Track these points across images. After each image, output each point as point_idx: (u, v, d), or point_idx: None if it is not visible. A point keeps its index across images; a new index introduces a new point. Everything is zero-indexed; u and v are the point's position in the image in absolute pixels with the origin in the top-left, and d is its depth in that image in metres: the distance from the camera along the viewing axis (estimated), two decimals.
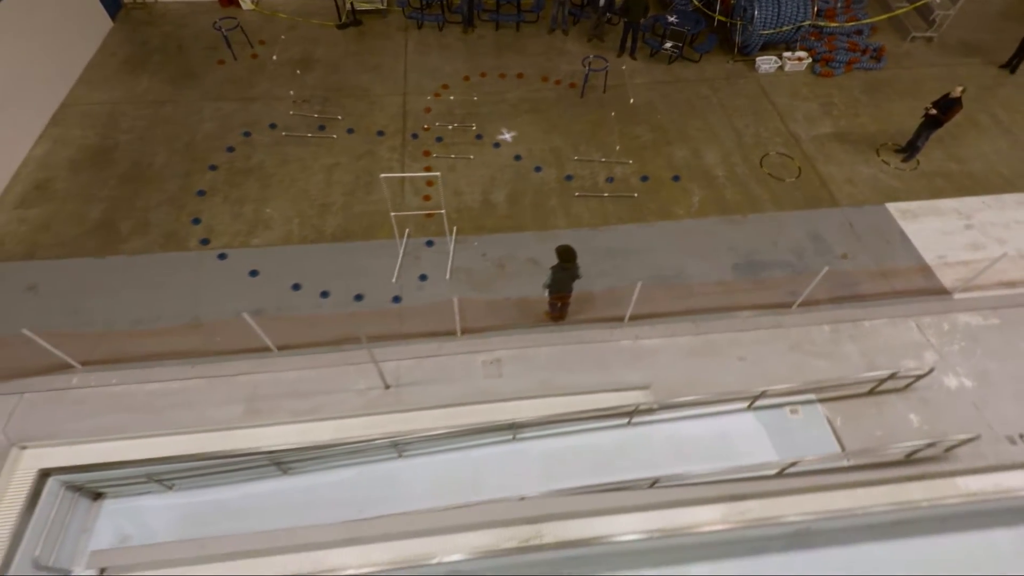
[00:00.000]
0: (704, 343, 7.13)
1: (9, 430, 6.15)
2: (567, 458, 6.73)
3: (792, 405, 6.73)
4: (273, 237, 8.15)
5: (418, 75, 10.95)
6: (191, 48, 11.21)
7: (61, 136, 9.36)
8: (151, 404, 6.46)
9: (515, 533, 5.74)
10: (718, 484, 5.97)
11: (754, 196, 8.97)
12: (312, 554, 5.56)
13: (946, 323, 7.40)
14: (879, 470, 6.16)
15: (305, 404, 6.54)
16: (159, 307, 7.25)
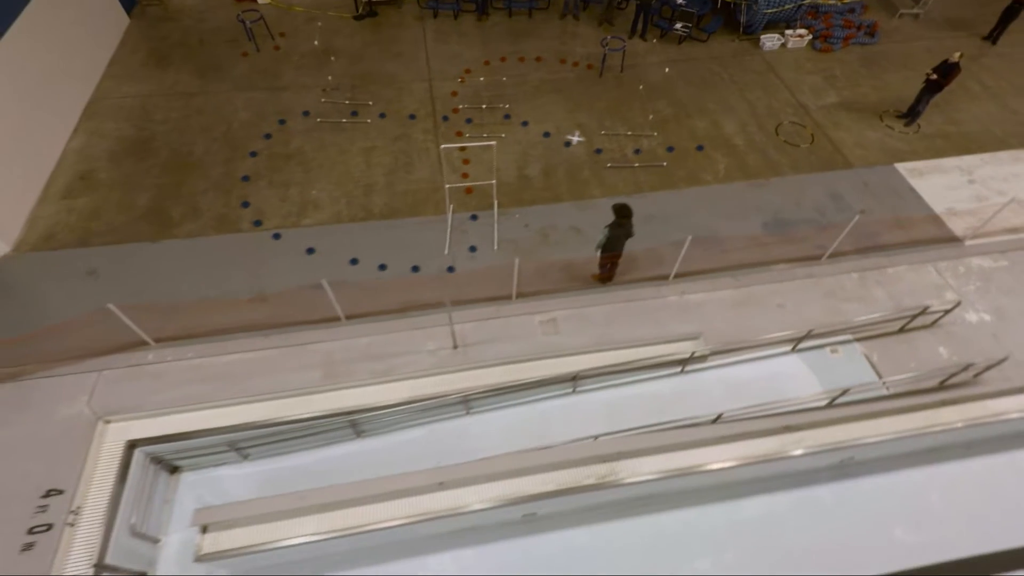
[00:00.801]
0: (745, 295, 7.63)
1: (93, 405, 6.32)
2: (626, 406, 7.14)
3: (832, 345, 7.27)
4: (323, 217, 8.40)
5: (440, 61, 11.27)
6: (213, 42, 11.34)
7: (96, 129, 9.45)
8: (230, 373, 6.68)
9: (592, 471, 6.14)
10: (775, 416, 6.45)
11: (774, 161, 9.52)
12: (407, 500, 5.89)
13: (961, 266, 8.04)
14: (916, 397, 6.70)
15: (380, 366, 6.84)
16: (222, 285, 7.45)
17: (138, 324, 6.65)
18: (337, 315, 7.10)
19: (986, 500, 6.81)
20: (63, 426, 6.11)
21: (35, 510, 5.53)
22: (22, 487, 5.64)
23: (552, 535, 6.55)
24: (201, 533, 5.64)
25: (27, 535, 5.39)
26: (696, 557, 6.45)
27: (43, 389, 6.40)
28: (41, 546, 5.35)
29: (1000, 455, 7.17)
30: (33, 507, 5.54)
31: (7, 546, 5.30)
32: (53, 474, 5.76)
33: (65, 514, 5.54)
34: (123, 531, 5.87)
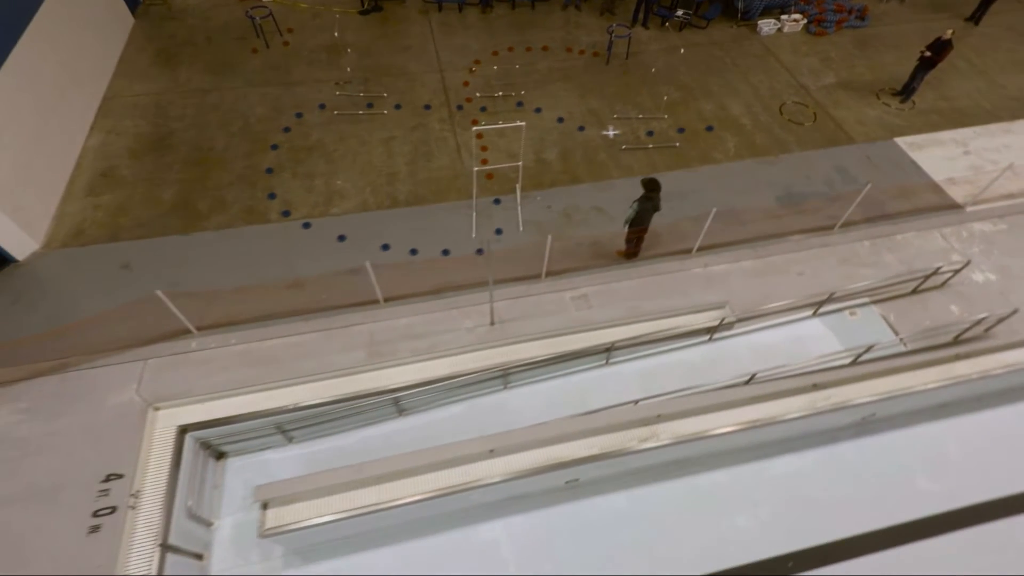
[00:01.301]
0: (765, 265, 7.95)
1: (142, 392, 6.39)
2: (659, 375, 7.41)
3: (850, 308, 7.63)
4: (350, 206, 8.54)
5: (449, 53, 11.45)
6: (220, 40, 11.37)
7: (112, 127, 9.45)
8: (275, 357, 6.80)
9: (634, 434, 6.41)
10: (803, 375, 6.77)
11: (780, 139, 9.89)
12: (460, 468, 6.08)
13: (964, 231, 8.47)
14: (932, 352, 7.08)
15: (421, 344, 7.02)
16: (258, 274, 7.54)
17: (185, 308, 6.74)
18: (376, 298, 7.25)
19: (1000, 448, 7.23)
20: (115, 413, 6.19)
21: (97, 494, 5.62)
22: (82, 473, 5.72)
23: (594, 500, 6.79)
24: (262, 509, 5.77)
25: (92, 518, 5.48)
26: (733, 514, 6.73)
27: (90, 379, 6.46)
28: (107, 528, 5.44)
29: (1011, 406, 7.60)
30: (95, 491, 5.63)
31: (75, 529, 5.38)
32: (111, 459, 5.84)
33: (126, 497, 5.64)
34: (181, 513, 5.98)
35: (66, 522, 5.43)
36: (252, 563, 6.20)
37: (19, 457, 5.83)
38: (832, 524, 6.64)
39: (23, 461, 5.81)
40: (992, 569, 6.38)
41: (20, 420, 6.11)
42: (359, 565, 6.25)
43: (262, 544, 6.24)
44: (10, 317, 6.96)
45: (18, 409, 6.19)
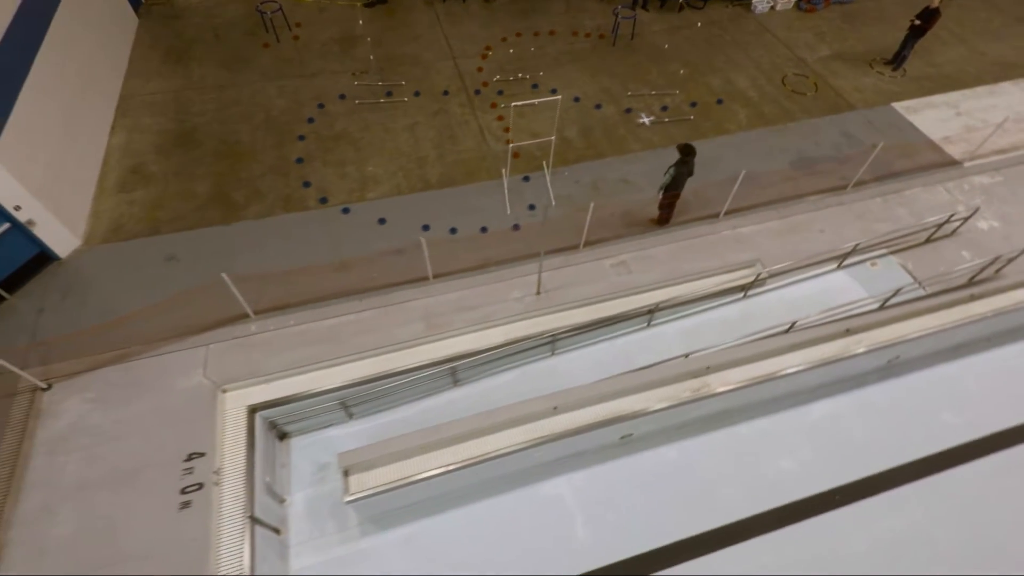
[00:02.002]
0: (788, 224, 8.40)
1: (210, 375, 6.50)
2: (699, 333, 7.79)
3: (871, 259, 8.13)
4: (385, 190, 8.70)
5: (459, 41, 11.65)
6: (229, 36, 11.37)
7: (133, 125, 9.42)
8: (335, 335, 6.97)
9: (687, 386, 6.77)
10: (837, 322, 7.22)
11: (787, 109, 10.37)
12: (527, 426, 6.37)
13: (965, 185, 9.06)
14: (950, 294, 7.59)
15: (475, 315, 7.26)
16: (305, 259, 7.67)
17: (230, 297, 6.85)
18: (426, 274, 7.46)
19: (1014, 381, 7.80)
20: (186, 397, 6.29)
21: (182, 472, 5.74)
22: (165, 454, 5.83)
23: (646, 454, 7.13)
24: (345, 476, 5.97)
25: (181, 495, 5.60)
26: (778, 458, 7.14)
27: (156, 366, 6.54)
28: (197, 503, 5.57)
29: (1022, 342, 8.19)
30: (179, 470, 5.75)
31: (166, 507, 5.50)
32: (190, 440, 5.96)
33: (210, 474, 5.77)
34: (260, 489, 6.12)
35: (156, 500, 5.54)
36: (329, 534, 6.37)
37: (97, 444, 5.91)
38: (869, 460, 7.10)
39: (101, 447, 5.88)
40: (1015, 491, 6.93)
41: (91, 409, 6.17)
42: (432, 528, 6.48)
43: (336, 516, 6.44)
44: (62, 312, 6.97)
45: (87, 399, 6.24)
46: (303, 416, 6.91)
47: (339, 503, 6.45)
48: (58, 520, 5.42)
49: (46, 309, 6.99)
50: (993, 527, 6.65)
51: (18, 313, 6.95)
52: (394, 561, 6.24)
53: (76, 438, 5.94)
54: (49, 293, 7.16)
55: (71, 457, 5.80)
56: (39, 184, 7.00)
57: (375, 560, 6.23)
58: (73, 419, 6.08)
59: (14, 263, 7.02)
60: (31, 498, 5.52)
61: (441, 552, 6.31)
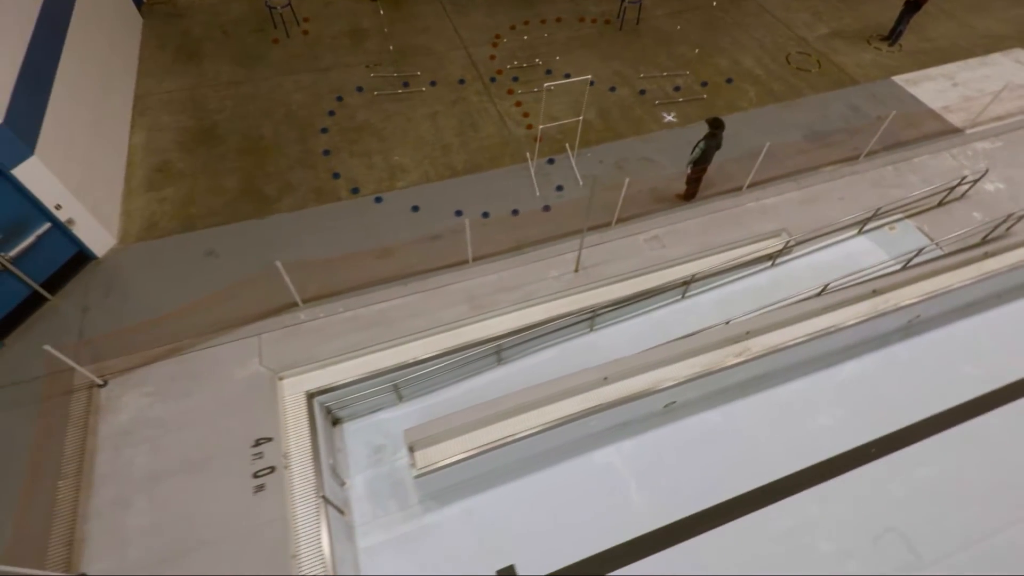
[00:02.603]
0: (807, 195, 8.72)
1: (266, 364, 6.57)
2: (732, 302, 8.05)
3: (889, 224, 8.49)
4: (413, 179, 8.80)
5: (468, 31, 11.74)
6: (238, 33, 11.30)
7: (152, 124, 9.35)
8: (384, 320, 7.08)
9: (730, 351, 7.04)
10: (864, 283, 7.55)
11: (794, 86, 10.70)
12: (580, 397, 6.58)
13: (968, 150, 9.49)
14: (965, 253, 7.98)
15: (517, 294, 7.42)
16: (343, 248, 7.75)
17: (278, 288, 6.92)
18: (466, 258, 7.60)
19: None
20: (245, 385, 6.36)
21: (252, 457, 5.82)
22: (233, 441, 5.90)
23: (690, 420, 7.39)
24: (410, 452, 6.11)
25: (254, 479, 5.69)
26: (815, 416, 7.44)
27: (210, 358, 6.58)
28: (271, 486, 5.66)
29: None
30: (249, 455, 5.83)
31: (242, 491, 5.58)
32: (255, 426, 6.04)
33: (280, 458, 5.86)
34: (326, 471, 6.23)
35: (230, 486, 5.62)
36: (391, 513, 6.50)
37: (162, 435, 5.95)
38: (898, 414, 7.45)
39: (167, 438, 5.93)
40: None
41: (151, 402, 6.20)
42: (491, 500, 6.64)
43: (397, 495, 6.58)
44: (106, 310, 6.96)
45: (145, 393, 6.27)
46: (355, 400, 7.02)
47: (398, 483, 6.63)
48: (134, 511, 5.47)
49: (90, 308, 6.97)
50: (1019, 468, 7.05)
51: (62, 313, 6.92)
52: (457, 534, 6.40)
53: (140, 431, 5.98)
54: (91, 292, 7.13)
55: (138, 450, 5.84)
56: (76, 183, 6.96)
57: (439, 534, 6.39)
58: (134, 413, 6.11)
59: (54, 263, 6.98)
60: (104, 492, 5.56)
61: (502, 522, 6.49)
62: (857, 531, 6.54)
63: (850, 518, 6.63)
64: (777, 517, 6.63)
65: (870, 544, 6.46)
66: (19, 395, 6.19)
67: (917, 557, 6.37)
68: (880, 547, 6.45)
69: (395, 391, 7.13)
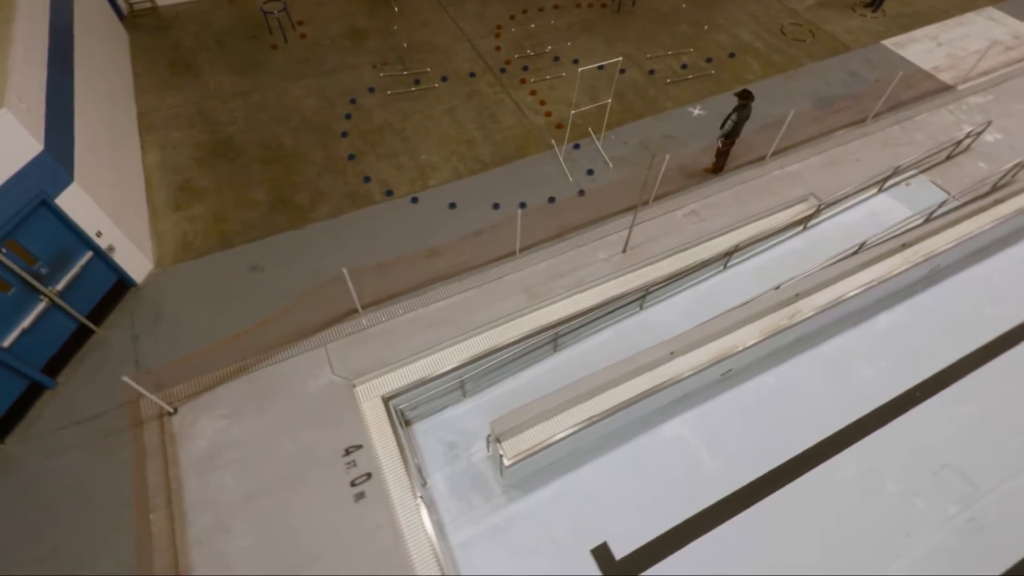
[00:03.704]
0: (826, 159, 9.07)
1: (338, 373, 6.49)
2: (771, 268, 8.33)
3: (905, 180, 8.92)
4: (445, 176, 8.75)
5: (468, 23, 11.66)
6: (233, 41, 10.92)
7: (163, 141, 9.00)
8: (446, 318, 7.07)
9: (783, 314, 7.32)
10: (894, 239, 7.93)
11: (792, 56, 11.06)
12: (653, 372, 6.74)
13: (963, 105, 10.03)
14: (979, 202, 8.46)
15: (569, 280, 7.52)
16: (391, 251, 7.68)
17: (337, 296, 6.84)
18: (513, 249, 7.64)
19: None
20: (322, 396, 6.28)
21: (345, 466, 5.77)
22: (322, 453, 5.84)
23: (747, 384, 7.65)
24: (496, 443, 6.15)
25: (352, 487, 5.65)
26: (860, 368, 7.80)
27: (279, 374, 6.46)
28: (370, 492, 5.65)
29: None
30: (343, 464, 5.78)
31: (343, 501, 5.55)
32: (341, 435, 5.99)
33: (373, 463, 5.83)
34: (413, 470, 6.23)
35: (329, 497, 5.57)
36: (478, 506, 6.54)
37: (247, 456, 5.84)
38: (935, 358, 7.88)
39: (254, 458, 5.82)
40: None
41: (227, 424, 6.06)
42: (574, 483, 6.77)
43: (480, 489, 6.63)
44: (158, 337, 6.73)
45: (219, 416, 6.12)
46: (425, 400, 7.01)
47: (478, 476, 6.67)
48: (235, 534, 5.37)
49: (140, 336, 6.73)
50: None
51: (111, 344, 6.66)
52: (546, 519, 6.50)
53: (223, 454, 5.84)
54: (137, 320, 6.87)
55: (225, 473, 5.72)
56: (111, 207, 6.68)
57: (528, 521, 6.47)
58: (212, 437, 5.97)
59: (97, 293, 6.70)
60: (200, 519, 5.43)
61: (587, 503, 6.62)
62: (916, 470, 6.94)
63: (908, 459, 7.02)
64: (843, 466, 6.97)
65: (930, 481, 6.87)
66: (83, 434, 5.95)
67: (974, 487, 6.81)
68: (939, 482, 6.87)
69: (461, 387, 7.16)
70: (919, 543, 6.41)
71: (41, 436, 5.88)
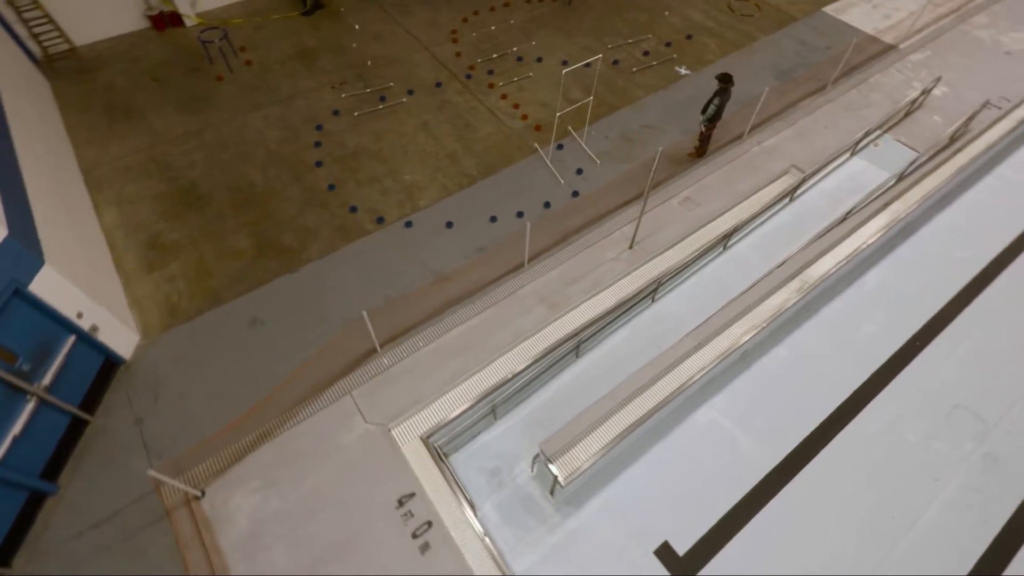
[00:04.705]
0: (798, 130, 9.39)
1: (370, 420, 6.16)
2: (768, 243, 8.56)
3: (873, 141, 9.36)
4: (434, 195, 8.44)
5: (421, 31, 11.25)
6: (171, 76, 10.05)
7: (118, 198, 8.20)
8: (469, 343, 6.85)
9: (791, 288, 7.54)
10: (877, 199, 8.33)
11: (745, 32, 11.34)
12: (683, 365, 6.80)
13: (908, 63, 10.61)
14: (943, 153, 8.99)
15: (584, 284, 7.45)
16: (396, 282, 7.35)
17: (352, 339, 6.49)
18: (521, 261, 7.48)
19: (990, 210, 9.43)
20: (359, 448, 5.95)
21: (403, 517, 5.50)
22: (376, 508, 5.54)
23: (762, 361, 7.85)
24: (547, 465, 6.04)
25: (414, 539, 5.40)
26: (860, 326, 8.14)
27: (307, 433, 6.06)
28: (435, 541, 5.42)
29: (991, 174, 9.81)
30: (399, 517, 5.50)
31: (409, 555, 5.29)
32: (390, 486, 5.70)
33: (429, 509, 5.59)
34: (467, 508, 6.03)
35: (394, 554, 5.31)
36: (533, 529, 6.43)
37: (293, 527, 5.45)
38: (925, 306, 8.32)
39: (301, 528, 5.45)
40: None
41: (263, 497, 5.64)
42: (621, 488, 6.76)
43: (532, 511, 6.51)
44: (162, 416, 6.16)
45: (253, 489, 5.68)
46: (461, 431, 6.80)
47: (528, 499, 6.55)
48: None
49: (145, 418, 6.14)
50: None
51: (112, 432, 6.04)
52: (604, 528, 6.46)
53: (268, 530, 5.44)
54: (135, 400, 6.26)
55: (275, 550, 5.33)
56: (87, 283, 6.02)
57: (587, 534, 6.42)
58: (250, 514, 5.53)
59: (85, 379, 6.04)
60: None
61: (639, 504, 6.63)
62: (930, 416, 7.35)
63: (921, 406, 7.42)
64: (865, 424, 7.29)
65: (945, 423, 7.30)
66: (103, 538, 5.37)
67: (984, 422, 7.29)
68: (953, 423, 7.31)
69: (492, 411, 6.99)
70: (948, 484, 6.81)
71: (53, 550, 5.26)
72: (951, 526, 6.48)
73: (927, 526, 6.50)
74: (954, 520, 6.53)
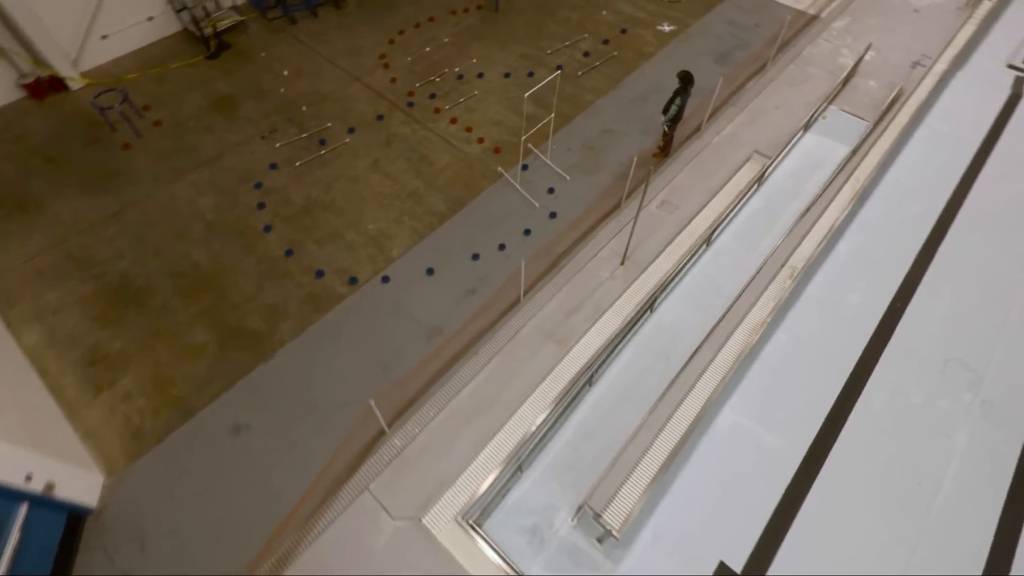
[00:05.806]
0: (750, 114, 9.47)
1: (397, 516, 5.56)
2: (746, 231, 8.58)
3: (820, 114, 9.60)
4: (405, 241, 7.79)
5: (347, 60, 10.39)
6: (67, 153, 8.68)
7: (36, 311, 6.96)
8: (483, 400, 6.37)
9: (784, 275, 7.60)
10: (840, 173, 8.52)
11: (678, 19, 11.32)
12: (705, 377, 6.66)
13: (833, 31, 10.98)
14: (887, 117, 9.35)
15: (586, 311, 7.14)
16: (387, 345, 6.71)
17: (340, 425, 5.84)
18: (516, 298, 7.05)
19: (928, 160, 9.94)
20: (393, 549, 5.37)
21: None
22: None
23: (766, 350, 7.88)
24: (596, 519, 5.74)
25: None
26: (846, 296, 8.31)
27: (329, 546, 5.40)
28: None
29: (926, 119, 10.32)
30: None
31: None
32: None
33: None
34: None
35: None
36: None
37: None
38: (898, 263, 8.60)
39: None
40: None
41: None
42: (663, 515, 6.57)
43: (581, 563, 6.20)
44: (156, 558, 5.28)
45: None
46: (491, 496, 6.34)
47: (574, 550, 6.24)
48: None
49: (131, 570, 5.23)
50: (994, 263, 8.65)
51: None
52: (657, 563, 6.25)
53: None
54: (116, 553, 5.32)
55: None
56: (27, 433, 4.99)
57: (642, 570, 6.20)
58: None
59: (51, 544, 5.04)
60: None
61: (685, 527, 6.46)
62: (927, 375, 7.64)
63: (918, 367, 7.70)
64: (873, 396, 7.46)
65: (941, 379, 7.61)
66: None
67: (975, 371, 7.66)
68: (948, 378, 7.64)
69: (519, 466, 6.58)
70: (960, 440, 7.10)
71: None
72: (972, 482, 6.76)
73: (951, 487, 6.74)
74: (973, 474, 6.81)
